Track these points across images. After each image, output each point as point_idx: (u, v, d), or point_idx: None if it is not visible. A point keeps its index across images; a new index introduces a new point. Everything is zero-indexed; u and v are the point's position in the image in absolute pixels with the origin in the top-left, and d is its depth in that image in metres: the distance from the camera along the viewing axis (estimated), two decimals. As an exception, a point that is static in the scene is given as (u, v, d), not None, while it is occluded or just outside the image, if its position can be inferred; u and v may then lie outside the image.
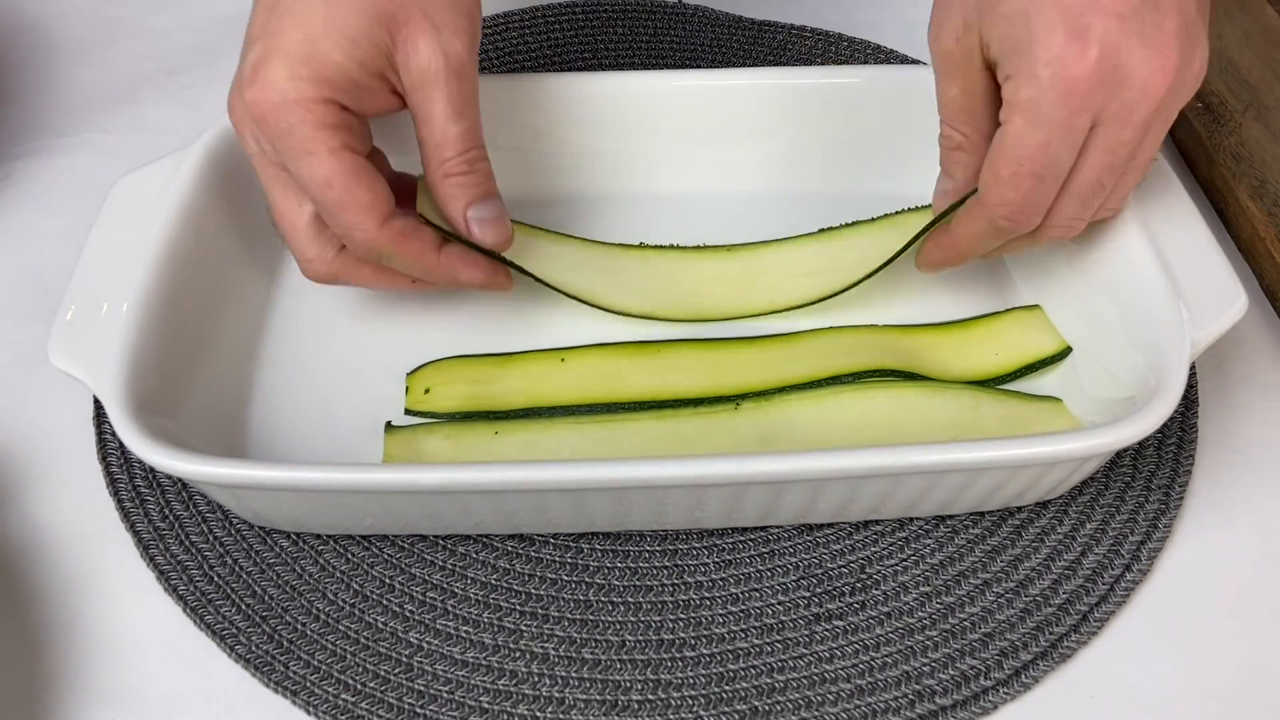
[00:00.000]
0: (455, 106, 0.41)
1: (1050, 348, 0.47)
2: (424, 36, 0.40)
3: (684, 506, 0.41)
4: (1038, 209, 0.40)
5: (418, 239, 0.43)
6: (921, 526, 0.44)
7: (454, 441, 0.45)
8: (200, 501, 0.44)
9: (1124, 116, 0.37)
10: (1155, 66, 0.36)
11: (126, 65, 0.63)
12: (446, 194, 0.43)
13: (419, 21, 0.40)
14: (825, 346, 0.47)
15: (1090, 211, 0.41)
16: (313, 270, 0.44)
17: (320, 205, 0.40)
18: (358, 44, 0.39)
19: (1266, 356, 0.50)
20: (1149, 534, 0.43)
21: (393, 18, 0.40)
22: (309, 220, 0.42)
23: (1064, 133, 0.38)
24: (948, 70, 0.42)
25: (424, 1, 0.40)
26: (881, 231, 0.50)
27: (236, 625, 0.41)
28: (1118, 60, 0.36)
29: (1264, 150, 0.54)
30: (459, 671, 0.40)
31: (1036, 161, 0.39)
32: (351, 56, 0.39)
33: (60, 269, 0.51)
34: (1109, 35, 0.36)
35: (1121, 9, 0.36)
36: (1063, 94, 0.37)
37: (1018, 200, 0.40)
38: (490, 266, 0.46)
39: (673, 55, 0.63)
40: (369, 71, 0.40)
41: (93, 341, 0.40)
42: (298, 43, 0.39)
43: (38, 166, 0.57)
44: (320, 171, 0.39)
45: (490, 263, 0.46)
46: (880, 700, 0.39)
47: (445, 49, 0.40)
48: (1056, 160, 0.38)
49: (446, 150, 0.42)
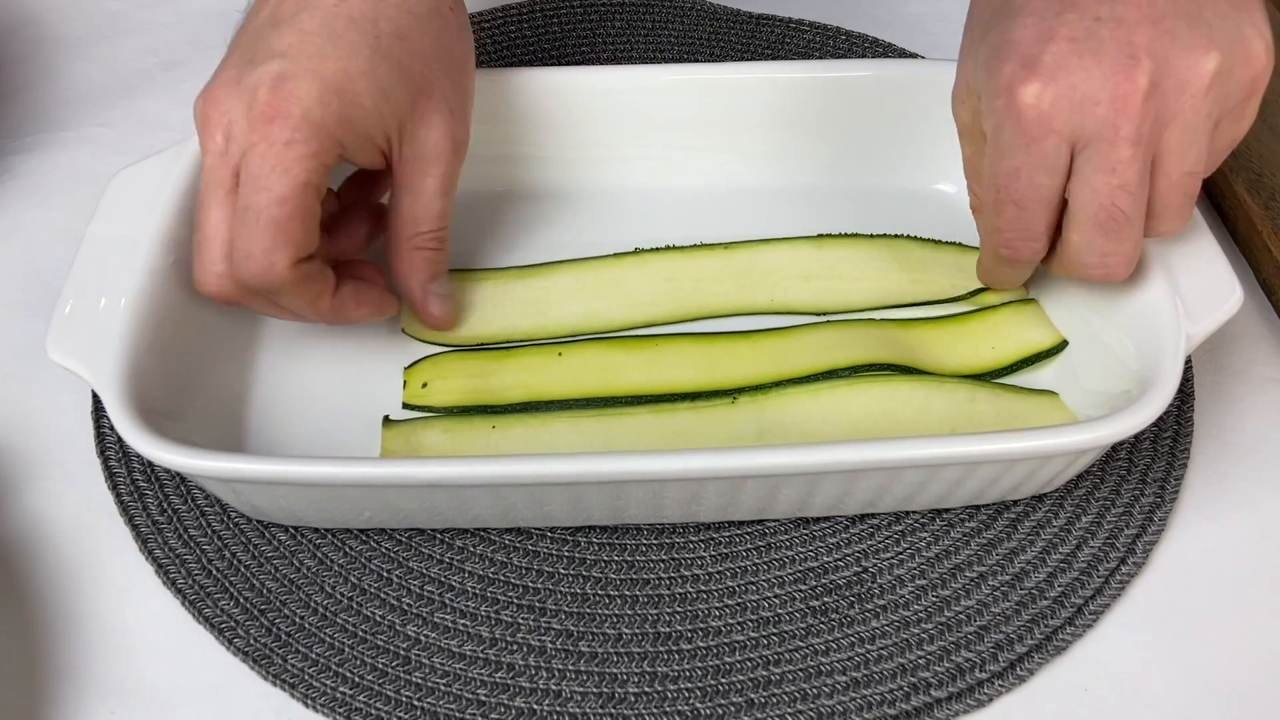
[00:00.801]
0: (445, 185, 0.43)
1: (1046, 341, 0.47)
2: (439, 115, 0.42)
3: (681, 500, 0.41)
4: (1029, 236, 0.41)
5: (319, 282, 0.41)
6: (917, 520, 0.44)
7: (452, 436, 0.45)
8: (198, 495, 0.44)
9: (1108, 134, 0.37)
10: (1117, 81, 0.36)
11: (125, 60, 0.63)
12: (412, 265, 0.44)
13: (439, 100, 0.42)
14: (821, 341, 0.47)
15: (1126, 244, 0.39)
16: (213, 286, 0.41)
17: (252, 216, 0.38)
18: (387, 99, 0.40)
19: (1263, 350, 0.50)
20: (1144, 527, 0.43)
21: (420, 90, 0.41)
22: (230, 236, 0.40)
23: (1033, 158, 0.38)
24: (961, 132, 0.43)
25: (443, 82, 0.43)
26: (877, 251, 0.51)
27: (234, 618, 0.41)
28: (1071, 82, 0.36)
29: (1261, 143, 0.54)
30: (456, 664, 0.40)
31: (1010, 189, 0.39)
32: (378, 108, 0.40)
33: (59, 263, 0.52)
34: (1060, 60, 0.36)
35: (1074, 33, 0.36)
36: (1017, 121, 0.37)
37: (1005, 227, 0.41)
38: (379, 299, 0.45)
39: (671, 49, 0.63)
40: (382, 128, 0.41)
41: (91, 336, 0.40)
42: (335, 74, 0.39)
43: (37, 161, 0.57)
44: (281, 190, 0.38)
45: (380, 294, 0.45)
46: (876, 693, 0.39)
47: (454, 133, 0.43)
48: (1033, 185, 0.39)
49: (424, 224, 0.43)
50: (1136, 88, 0.36)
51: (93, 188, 0.46)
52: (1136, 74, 0.36)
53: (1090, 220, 0.39)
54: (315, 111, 0.38)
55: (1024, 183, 0.39)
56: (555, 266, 0.51)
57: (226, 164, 0.39)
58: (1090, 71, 0.36)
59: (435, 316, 0.46)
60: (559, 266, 0.51)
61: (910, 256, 0.50)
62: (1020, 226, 0.40)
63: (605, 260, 0.51)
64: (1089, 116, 0.36)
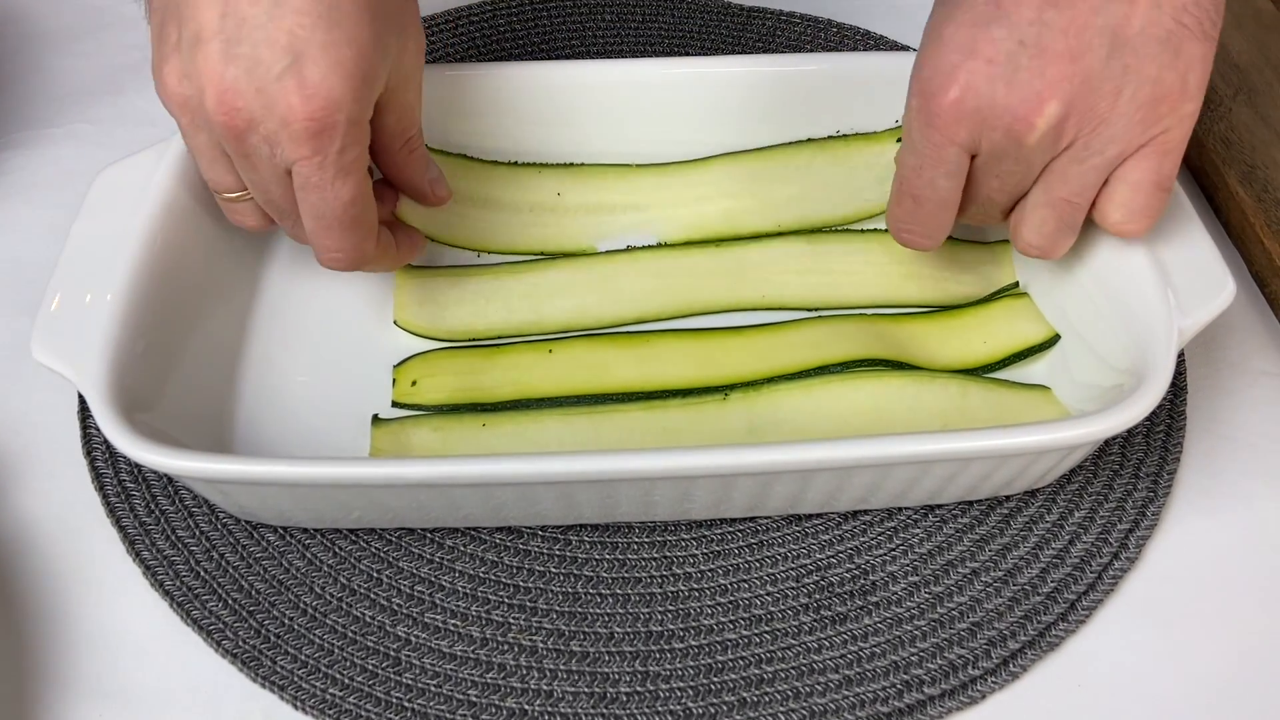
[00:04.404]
0: (420, 92, 0.43)
1: (1038, 335, 0.47)
2: (411, 36, 0.42)
3: (672, 498, 0.41)
4: (926, 229, 0.43)
5: (390, 243, 0.45)
6: (910, 516, 0.44)
7: (442, 434, 0.44)
8: (186, 496, 0.44)
9: (998, 152, 0.39)
10: (1020, 112, 0.37)
11: (111, 55, 0.62)
12: (415, 167, 0.45)
13: (410, 19, 0.42)
14: (813, 336, 0.47)
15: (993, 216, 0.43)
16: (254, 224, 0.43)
17: (326, 223, 0.40)
18: (387, 55, 0.39)
19: (1255, 342, 0.50)
20: (1137, 522, 0.43)
21: (403, 28, 0.41)
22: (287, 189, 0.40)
23: (933, 161, 0.40)
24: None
25: (410, 5, 0.42)
26: (868, 245, 0.51)
27: (223, 620, 0.40)
28: (978, 103, 0.38)
29: (1253, 135, 0.54)
30: (447, 665, 0.40)
31: (910, 183, 0.42)
32: (386, 68, 0.40)
33: (44, 261, 0.51)
34: (973, 79, 0.38)
35: (993, 55, 0.38)
36: (924, 125, 0.40)
37: (903, 217, 0.43)
38: (414, 234, 0.48)
39: (661, 43, 0.62)
40: (386, 81, 0.40)
41: (76, 336, 0.40)
42: (354, 59, 0.37)
43: (23, 157, 0.57)
44: (348, 193, 0.39)
45: (410, 230, 0.48)
46: (868, 690, 0.39)
47: (421, 44, 0.43)
48: (932, 185, 0.41)
49: (412, 129, 0.43)
50: (1032, 127, 0.38)
51: (78, 184, 0.46)
52: (1036, 117, 0.38)
53: (973, 209, 0.43)
54: (356, 110, 0.38)
55: (924, 181, 0.41)
56: (546, 263, 0.50)
57: (278, 163, 0.38)
58: (997, 99, 0.38)
59: (444, 197, 0.47)
60: (550, 263, 0.50)
61: (902, 250, 0.50)
62: (920, 220, 0.43)
63: (596, 257, 0.51)
64: (986, 137, 0.39)
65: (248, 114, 0.37)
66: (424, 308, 0.49)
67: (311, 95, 0.37)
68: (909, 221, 0.43)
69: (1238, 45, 0.58)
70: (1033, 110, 0.37)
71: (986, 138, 0.39)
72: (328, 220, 0.40)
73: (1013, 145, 0.38)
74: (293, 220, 0.41)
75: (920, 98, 0.39)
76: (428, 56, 0.60)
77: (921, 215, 0.43)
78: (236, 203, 0.42)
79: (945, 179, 0.41)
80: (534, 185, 0.52)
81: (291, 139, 0.37)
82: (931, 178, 0.41)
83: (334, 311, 0.49)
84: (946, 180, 0.41)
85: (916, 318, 0.49)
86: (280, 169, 0.39)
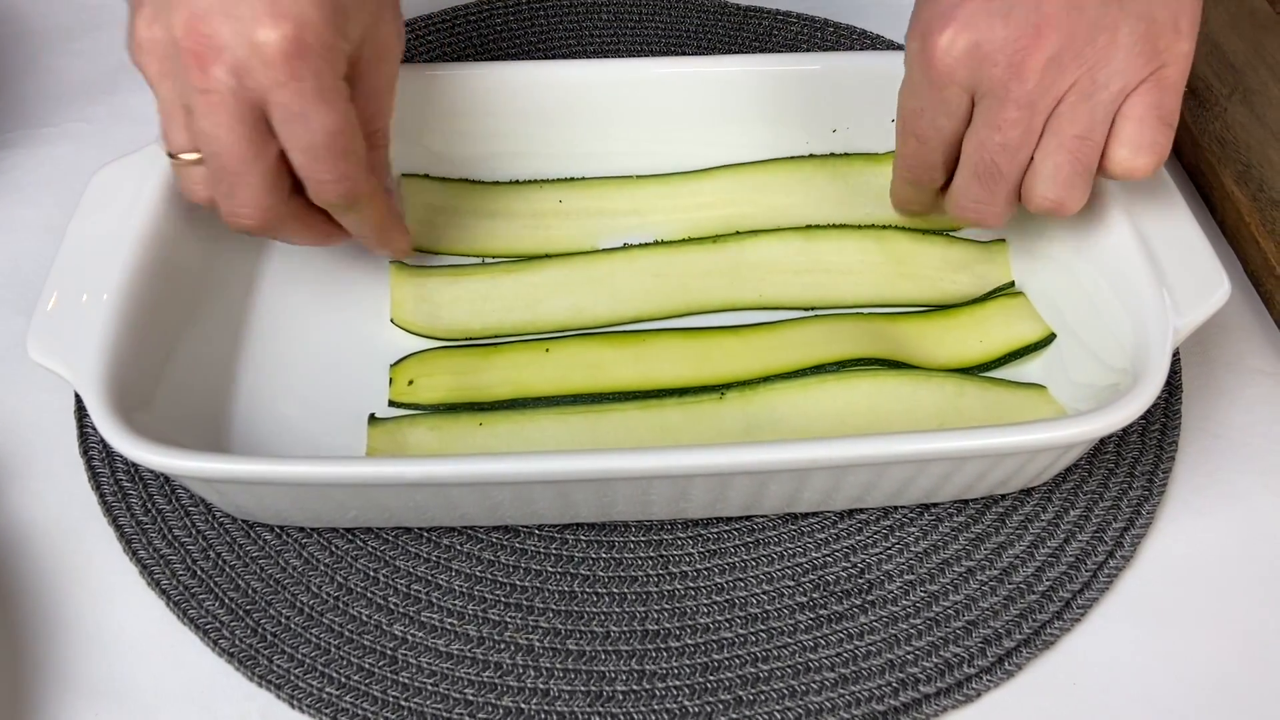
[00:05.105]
0: (394, 80, 0.43)
1: (1034, 334, 0.47)
2: (389, 10, 0.42)
3: (669, 497, 0.41)
4: (928, 167, 0.44)
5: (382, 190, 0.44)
6: (906, 515, 0.44)
7: (438, 433, 0.44)
8: (183, 495, 0.44)
9: (1000, 93, 0.39)
10: (1018, 46, 0.38)
11: (107, 54, 0.62)
12: (378, 163, 0.44)
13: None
14: (810, 335, 0.47)
15: (998, 197, 0.42)
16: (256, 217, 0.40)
17: (315, 154, 0.39)
18: (364, 7, 0.39)
19: (1250, 341, 0.50)
20: (1132, 520, 0.43)
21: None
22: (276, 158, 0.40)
23: (934, 102, 0.41)
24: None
25: None
26: (865, 242, 0.51)
27: (220, 619, 0.41)
28: (976, 38, 0.38)
29: (1249, 134, 0.54)
30: (443, 664, 0.40)
31: (913, 123, 0.43)
32: (362, 34, 0.39)
33: (40, 260, 0.51)
34: (971, 18, 0.38)
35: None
36: (922, 67, 0.40)
37: (908, 154, 0.44)
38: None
39: (658, 42, 0.63)
40: (360, 30, 0.40)
41: (72, 336, 0.40)
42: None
43: (19, 156, 0.57)
44: (332, 121, 0.38)
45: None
46: (864, 689, 0.39)
47: (400, 27, 0.43)
48: (934, 125, 0.42)
49: (379, 120, 0.43)
50: (1032, 56, 0.38)
51: (75, 184, 0.46)
52: (1036, 44, 0.38)
53: (970, 168, 0.42)
54: (327, 32, 0.37)
55: (925, 122, 0.42)
56: (543, 262, 0.50)
57: (242, 99, 0.37)
58: (995, 33, 0.38)
59: (399, 213, 0.46)
60: (547, 262, 0.50)
61: (898, 247, 0.50)
62: (922, 158, 0.44)
63: (593, 256, 0.51)
64: (986, 75, 0.39)
65: (217, 40, 0.37)
66: (421, 307, 0.49)
67: (283, 16, 0.36)
68: (912, 159, 0.44)
69: (1233, 45, 0.59)
70: (1032, 42, 0.38)
71: (987, 74, 0.39)
72: (316, 150, 0.39)
73: (1015, 81, 0.38)
74: (229, 184, 0.39)
75: (919, 39, 0.40)
76: (422, 56, 0.61)
77: (925, 153, 0.43)
78: (190, 167, 0.41)
79: (946, 119, 0.41)
80: (536, 197, 0.52)
81: (265, 64, 0.37)
82: (933, 118, 0.42)
83: (331, 310, 0.49)
84: (947, 120, 0.41)
85: (913, 317, 0.49)
86: (243, 107, 0.37)
